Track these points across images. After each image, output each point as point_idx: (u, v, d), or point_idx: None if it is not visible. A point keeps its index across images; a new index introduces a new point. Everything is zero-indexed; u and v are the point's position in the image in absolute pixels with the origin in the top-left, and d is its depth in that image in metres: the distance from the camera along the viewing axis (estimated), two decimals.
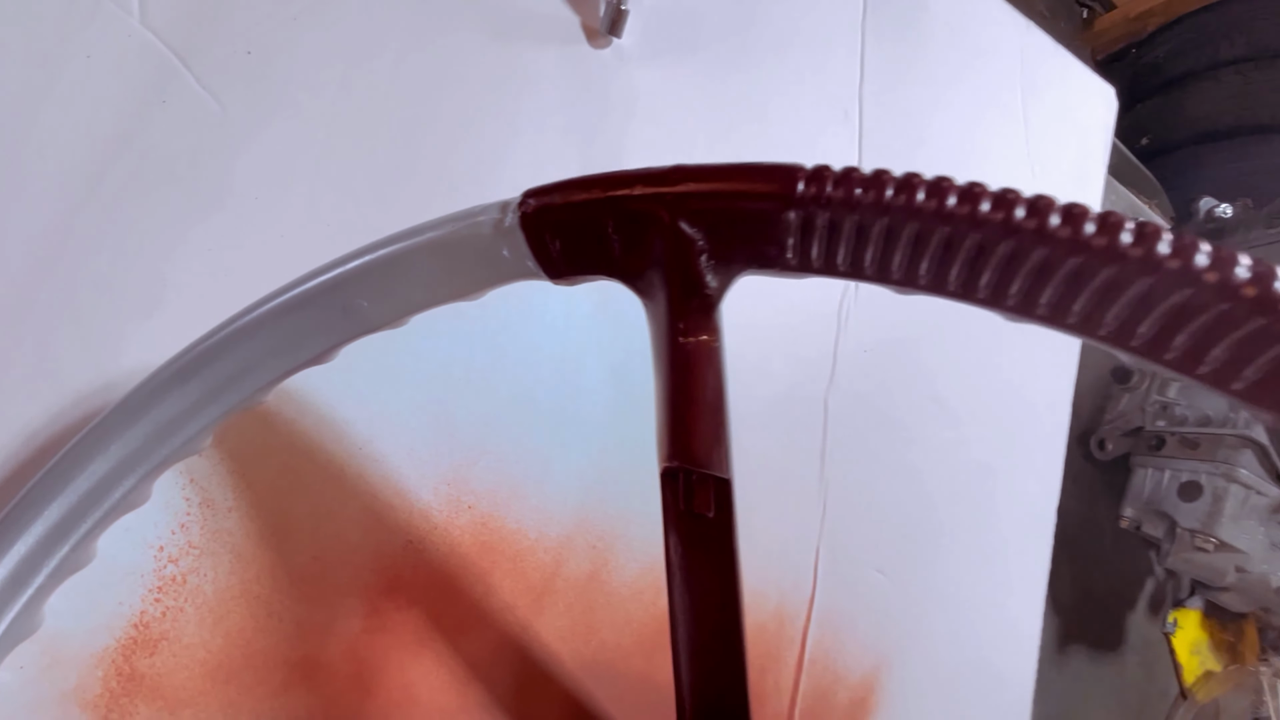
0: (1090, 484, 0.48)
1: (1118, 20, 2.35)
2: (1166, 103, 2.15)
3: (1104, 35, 2.54)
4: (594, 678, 0.29)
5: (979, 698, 0.39)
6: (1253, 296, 0.11)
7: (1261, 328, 0.11)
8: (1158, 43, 2.24)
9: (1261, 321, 0.11)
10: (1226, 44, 2.08)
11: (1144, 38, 2.36)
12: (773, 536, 0.34)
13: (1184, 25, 2.19)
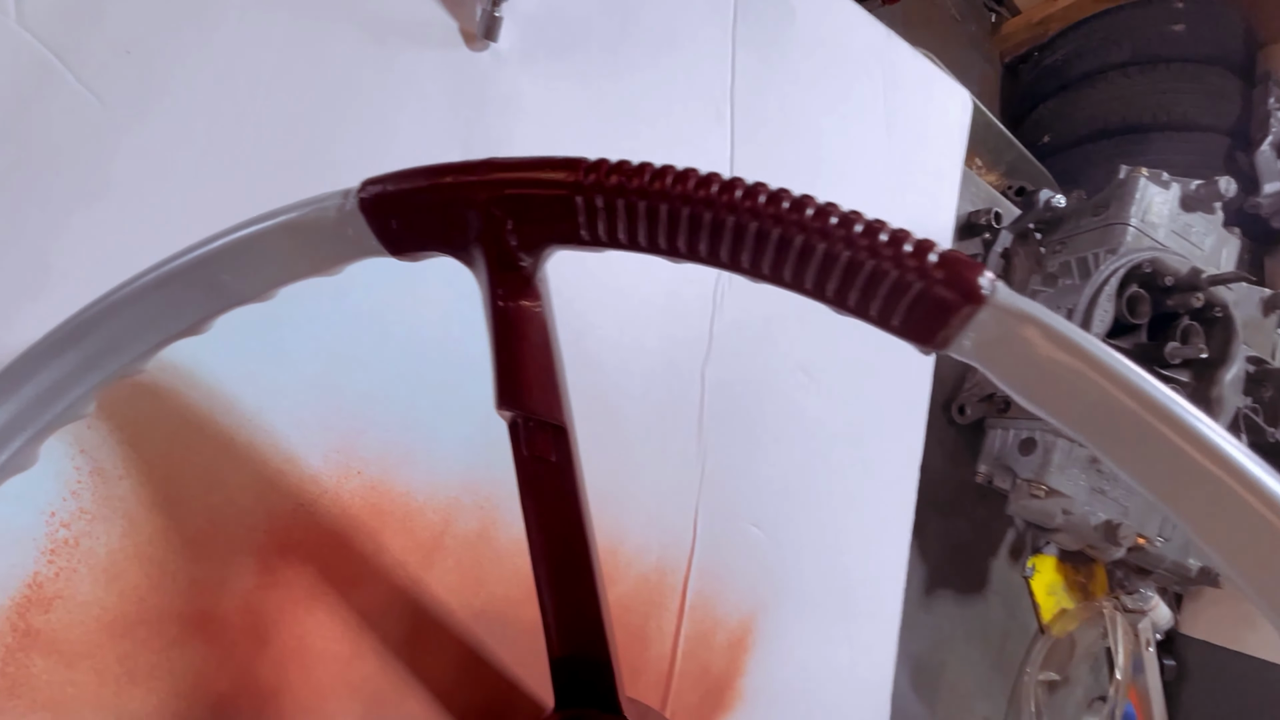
0: (954, 446, 0.54)
1: (1022, 25, 2.50)
2: (1064, 103, 2.32)
3: (1011, 39, 2.70)
4: (484, 627, 0.31)
5: (848, 635, 0.44)
6: (891, 256, 0.15)
7: (897, 279, 0.15)
8: (1056, 47, 2.41)
9: (896, 274, 0.14)
10: (1115, 49, 2.26)
11: (1045, 41, 2.53)
12: (654, 497, 0.37)
13: (1078, 31, 2.35)
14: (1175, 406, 0.13)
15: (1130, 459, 0.14)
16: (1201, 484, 0.13)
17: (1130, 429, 0.14)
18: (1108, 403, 0.14)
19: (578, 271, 0.35)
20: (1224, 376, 0.48)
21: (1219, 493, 0.13)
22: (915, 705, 0.50)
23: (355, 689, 0.28)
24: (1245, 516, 0.13)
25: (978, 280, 0.14)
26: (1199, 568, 0.56)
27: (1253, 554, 0.13)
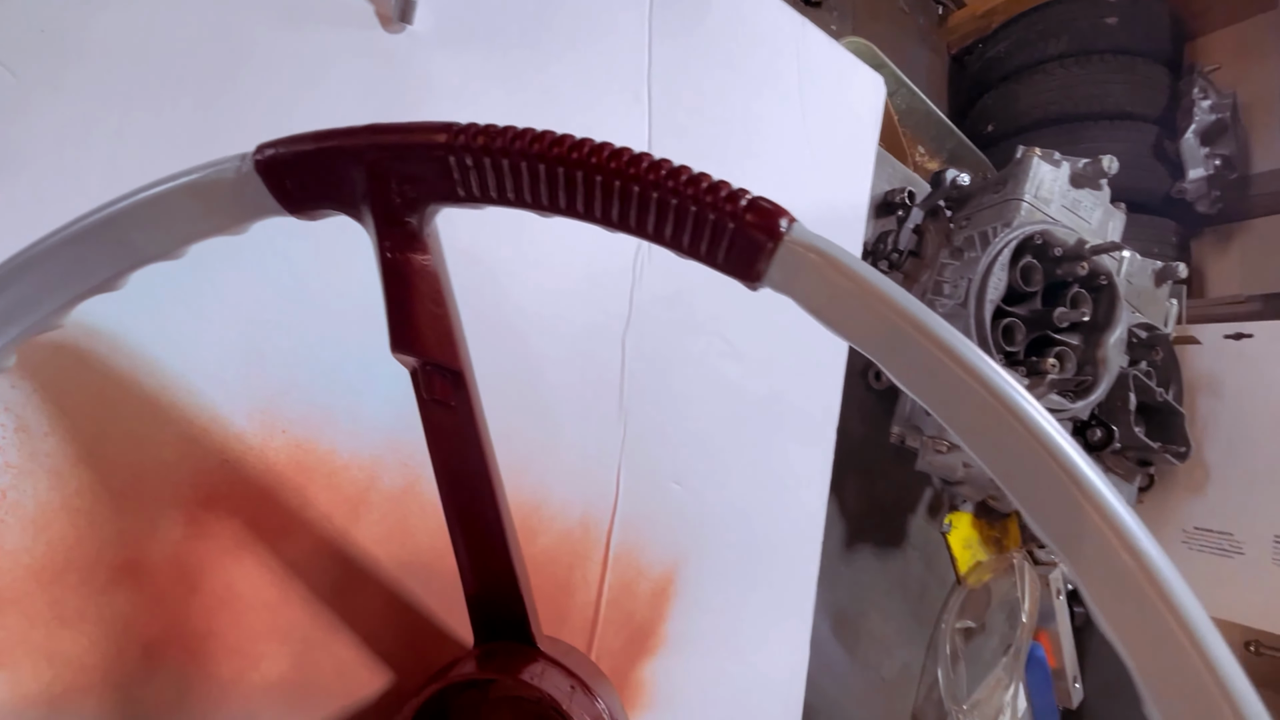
0: (871, 410, 0.57)
1: (967, 17, 2.57)
2: (1006, 94, 2.40)
3: (956, 31, 2.77)
4: (411, 576, 0.33)
5: (769, 584, 0.47)
6: (711, 202, 0.17)
7: (716, 221, 0.17)
8: (999, 39, 2.49)
9: (714, 217, 0.17)
10: (1053, 41, 2.35)
11: (989, 34, 2.61)
12: (577, 455, 0.40)
13: (1019, 23, 2.44)
14: (933, 323, 0.16)
15: (903, 371, 0.17)
16: (957, 390, 0.16)
17: (900, 344, 0.16)
18: (881, 321, 0.16)
19: (500, 242, 0.37)
20: (1108, 339, 0.52)
21: (972, 398, 0.16)
22: (837, 651, 0.53)
23: (284, 633, 0.30)
24: (993, 418, 0.16)
25: (778, 221, 0.17)
26: None
27: (997, 446, 0.16)
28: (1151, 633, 0.14)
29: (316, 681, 0.31)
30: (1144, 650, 0.14)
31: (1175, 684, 0.14)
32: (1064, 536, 0.15)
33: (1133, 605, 0.14)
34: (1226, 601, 0.63)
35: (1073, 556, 0.15)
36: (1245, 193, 2.24)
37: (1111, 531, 0.14)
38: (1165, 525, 0.69)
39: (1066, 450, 0.15)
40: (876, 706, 0.57)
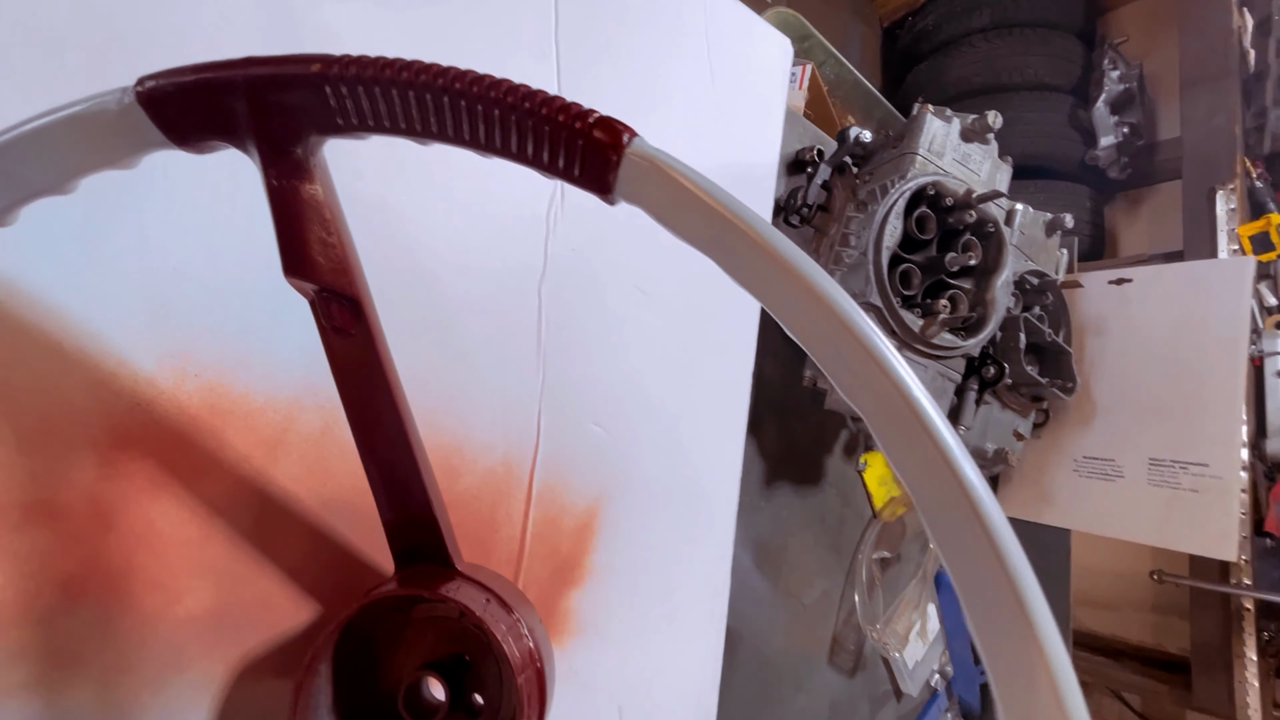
0: (788, 357, 0.61)
1: None
2: (934, 66, 2.48)
3: (888, 4, 2.84)
4: (334, 514, 0.35)
5: (690, 519, 0.50)
6: (564, 120, 0.19)
7: (568, 137, 0.19)
8: (927, 12, 2.57)
9: (566, 134, 0.19)
10: (978, 14, 2.43)
11: (918, 8, 2.68)
12: (496, 399, 0.41)
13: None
14: (754, 221, 0.19)
15: (732, 265, 0.19)
16: (772, 277, 0.19)
17: (728, 243, 0.19)
18: (711, 222, 0.19)
19: (409, 192, 0.38)
20: (996, 281, 0.57)
21: (788, 283, 0.19)
22: (759, 580, 0.57)
23: (207, 569, 0.31)
24: (800, 297, 0.18)
25: (622, 135, 0.19)
26: (994, 449, 0.67)
27: (805, 322, 0.19)
28: (917, 456, 0.17)
29: (242, 615, 0.32)
30: (913, 472, 0.17)
31: (938, 502, 0.17)
32: (853, 388, 0.18)
33: (904, 437, 0.17)
34: (1111, 519, 0.70)
35: (861, 404, 0.18)
36: (1152, 159, 2.39)
37: (889, 380, 0.17)
38: (1059, 456, 0.75)
39: (856, 319, 0.18)
40: (799, 631, 0.61)
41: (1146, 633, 2.18)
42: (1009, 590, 0.17)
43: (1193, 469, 0.65)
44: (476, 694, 0.33)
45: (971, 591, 0.17)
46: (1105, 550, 2.28)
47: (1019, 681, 0.17)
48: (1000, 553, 0.16)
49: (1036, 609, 0.17)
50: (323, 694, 0.31)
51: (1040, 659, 0.16)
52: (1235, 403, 0.63)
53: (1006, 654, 0.17)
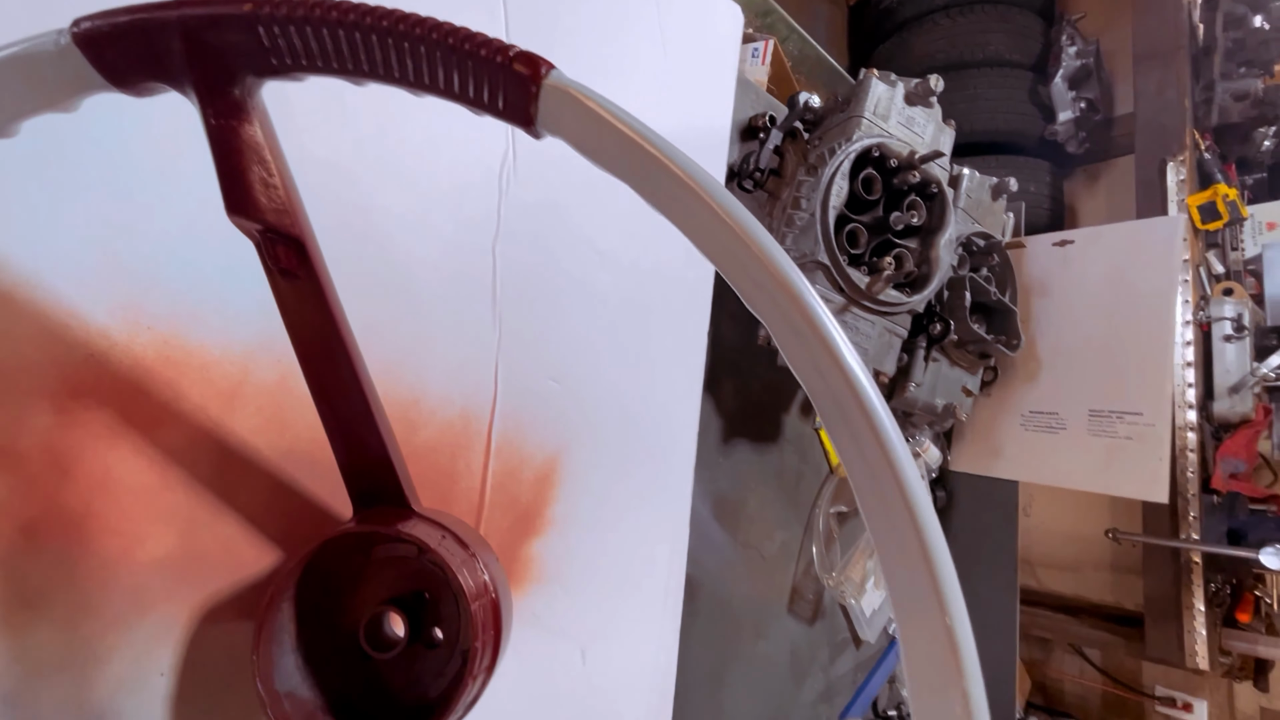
0: (745, 319, 0.63)
1: None
2: (899, 43, 2.51)
3: None
4: (293, 464, 0.36)
5: (647, 472, 0.52)
6: (487, 55, 0.20)
7: (491, 72, 0.20)
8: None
9: (488, 70, 0.20)
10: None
11: None
12: (453, 355, 0.43)
13: None
14: (663, 146, 0.20)
15: (647, 190, 0.21)
16: (685, 200, 0.20)
17: (642, 168, 0.20)
18: (625, 149, 0.20)
19: (360, 151, 0.39)
20: (939, 240, 0.59)
21: (697, 205, 0.20)
22: (719, 532, 0.59)
23: (167, 515, 0.32)
24: (706, 218, 0.20)
25: (540, 68, 0.20)
26: (943, 405, 0.69)
27: (713, 240, 0.20)
28: (811, 361, 0.19)
29: (204, 559, 0.33)
30: (808, 373, 0.19)
31: (828, 397, 0.19)
32: (756, 297, 0.19)
33: (800, 344, 0.19)
34: (1055, 469, 0.74)
35: (761, 311, 0.20)
36: (1108, 134, 2.45)
37: (786, 293, 0.19)
38: (1007, 412, 0.79)
39: (757, 234, 0.19)
40: (758, 581, 0.63)
41: (1105, 591, 2.27)
42: (891, 476, 0.19)
43: (1128, 418, 0.68)
44: (436, 628, 0.34)
45: (862, 479, 0.19)
46: (1066, 515, 2.37)
47: (897, 553, 0.19)
48: (878, 430, 0.18)
49: (915, 491, 0.19)
50: (286, 631, 0.32)
51: (915, 534, 0.18)
52: (1166, 354, 0.67)
53: (891, 535, 0.19)
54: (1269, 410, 1.76)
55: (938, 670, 0.18)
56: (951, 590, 0.18)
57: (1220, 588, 1.78)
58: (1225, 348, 1.75)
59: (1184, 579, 1.73)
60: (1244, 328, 1.73)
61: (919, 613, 0.18)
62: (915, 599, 0.18)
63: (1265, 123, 2.02)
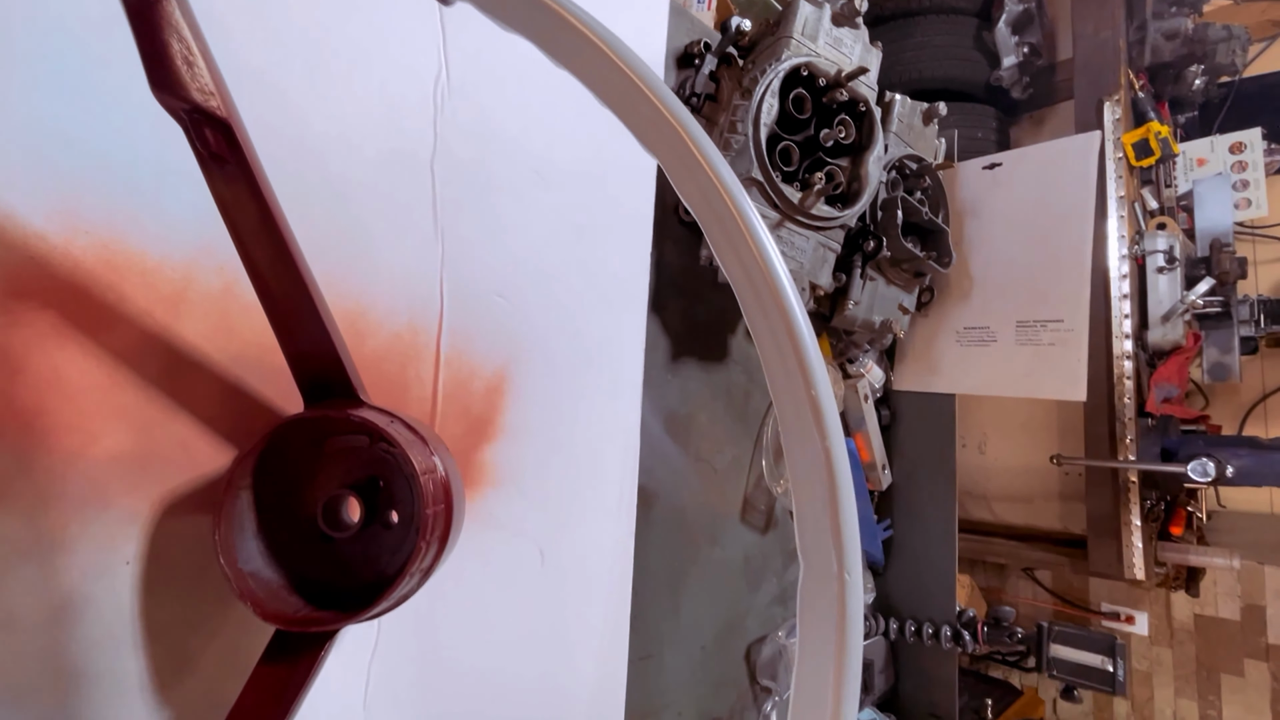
0: (688, 242, 0.65)
1: None
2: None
3: None
4: (244, 369, 0.37)
5: (597, 385, 0.55)
6: None
7: None
8: None
9: None
10: None
11: None
12: (397, 269, 0.44)
13: None
14: (573, 9, 0.22)
15: (548, 45, 0.22)
16: (581, 49, 0.22)
17: (542, 24, 0.22)
18: (526, 5, 0.22)
19: (290, 64, 0.39)
20: (869, 157, 0.62)
21: (590, 52, 0.22)
22: (670, 446, 0.62)
23: (120, 413, 0.33)
24: (603, 63, 0.22)
25: None
26: (880, 321, 0.73)
27: (606, 82, 0.22)
28: (699, 191, 0.21)
29: (161, 457, 0.34)
30: (699, 206, 0.21)
31: (719, 230, 0.21)
32: (651, 139, 0.22)
33: (688, 169, 0.21)
34: (987, 379, 0.78)
35: (658, 153, 0.22)
36: (1051, 79, 2.50)
37: (675, 128, 0.21)
38: (944, 330, 0.83)
39: (646, 74, 0.21)
40: (711, 492, 0.67)
41: (1054, 519, 2.40)
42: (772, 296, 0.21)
43: (1050, 325, 0.73)
44: (392, 512, 0.36)
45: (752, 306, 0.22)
46: (1018, 451, 2.49)
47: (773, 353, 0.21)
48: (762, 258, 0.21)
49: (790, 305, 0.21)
50: (246, 518, 0.34)
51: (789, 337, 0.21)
52: (1084, 262, 0.71)
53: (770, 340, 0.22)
54: (1198, 337, 1.87)
55: (815, 484, 0.21)
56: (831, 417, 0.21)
57: (1155, 504, 1.90)
58: (1158, 279, 1.84)
59: (1122, 498, 1.85)
60: (1175, 259, 1.82)
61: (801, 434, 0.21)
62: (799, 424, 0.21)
63: (1195, 61, 2.10)
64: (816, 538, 0.20)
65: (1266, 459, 1.58)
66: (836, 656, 0.18)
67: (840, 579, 0.19)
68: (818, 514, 0.20)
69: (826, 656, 0.19)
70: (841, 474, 0.20)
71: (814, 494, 0.20)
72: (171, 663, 0.34)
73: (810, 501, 0.20)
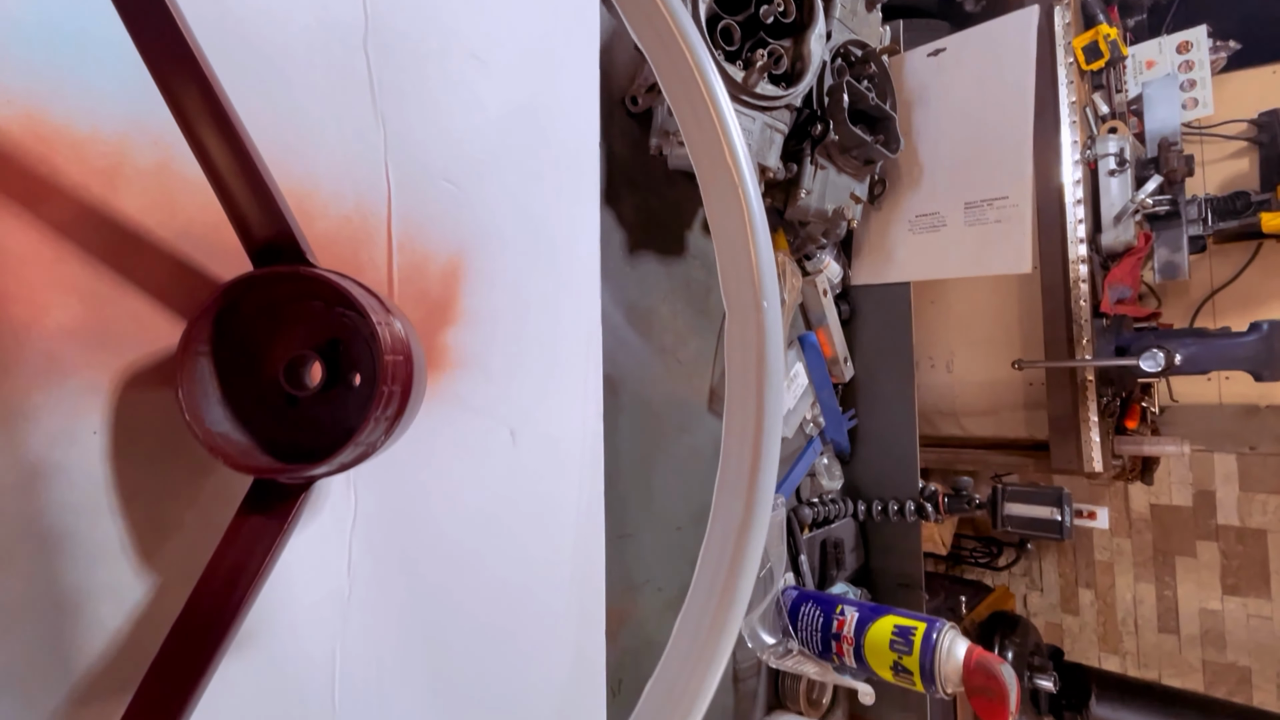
0: (635, 135, 0.65)
1: None
2: None
3: None
4: (191, 245, 0.37)
5: (553, 273, 0.56)
6: None
7: None
8: None
9: None
10: None
11: None
12: (338, 152, 0.44)
13: None
14: None
15: None
16: None
17: None
18: None
19: None
20: (810, 36, 0.62)
21: None
22: (634, 336, 0.63)
23: (67, 286, 0.33)
24: None
25: None
26: (833, 209, 0.74)
27: None
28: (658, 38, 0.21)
29: (116, 330, 0.35)
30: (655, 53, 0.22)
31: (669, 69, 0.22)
32: None
33: None
34: (939, 263, 0.81)
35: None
36: None
37: None
38: (897, 220, 0.85)
39: None
40: (677, 383, 0.69)
41: (1020, 428, 2.50)
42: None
43: (996, 203, 0.75)
44: (355, 374, 0.37)
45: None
46: (983, 366, 2.56)
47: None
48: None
49: None
50: (210, 386, 0.35)
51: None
52: (1026, 135, 0.73)
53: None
54: (1149, 237, 1.93)
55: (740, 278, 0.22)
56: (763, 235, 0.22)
57: (1111, 400, 1.99)
58: (1110, 182, 1.88)
59: (1080, 397, 1.93)
60: (1126, 161, 1.86)
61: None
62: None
63: None
64: (737, 280, 0.21)
65: (1212, 345, 1.65)
66: (757, 375, 0.20)
67: (758, 308, 0.20)
68: (737, 256, 0.21)
69: (750, 383, 0.20)
70: (756, 213, 0.21)
71: (734, 241, 0.21)
72: (151, 528, 0.35)
73: (729, 247, 0.21)
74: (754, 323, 0.20)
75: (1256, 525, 2.11)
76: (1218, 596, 2.16)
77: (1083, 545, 2.42)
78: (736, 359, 0.21)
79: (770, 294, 0.21)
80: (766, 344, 0.20)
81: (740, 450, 0.20)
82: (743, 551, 0.20)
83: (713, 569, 0.21)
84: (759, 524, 0.20)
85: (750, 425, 0.20)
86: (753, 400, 0.20)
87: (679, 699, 0.23)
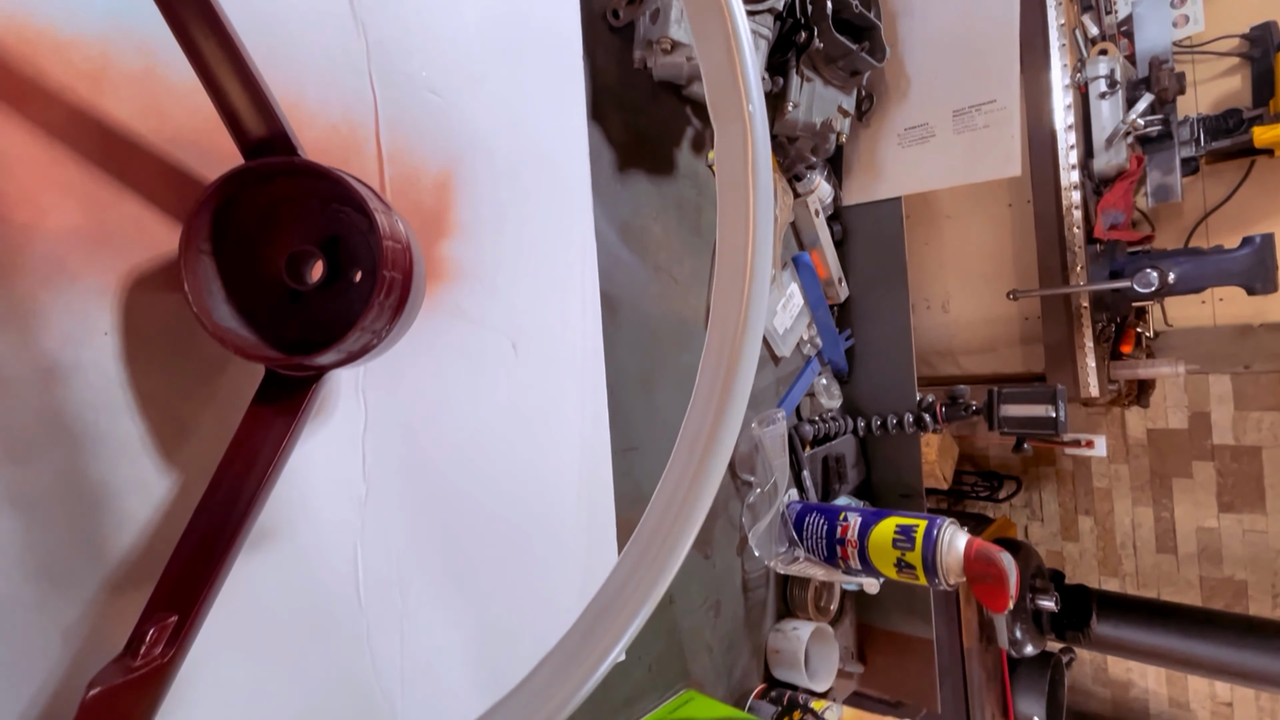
0: (618, 49, 0.64)
1: None
2: None
3: None
4: (182, 150, 0.38)
5: (543, 188, 0.56)
6: None
7: None
8: None
9: None
10: None
11: None
12: (321, 62, 0.43)
13: None
14: None
15: None
16: None
17: None
18: None
19: None
20: None
21: None
22: (628, 255, 0.64)
23: (65, 188, 0.34)
24: None
25: None
26: (821, 121, 0.74)
27: None
28: None
29: (117, 233, 0.35)
30: None
31: None
32: None
33: None
34: (930, 174, 0.81)
35: None
36: None
37: None
38: (886, 135, 0.84)
39: None
40: (674, 301, 0.69)
41: (1017, 363, 2.52)
42: None
43: (984, 108, 0.75)
44: (356, 271, 0.38)
45: None
46: (980, 305, 2.57)
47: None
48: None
49: None
50: (214, 285, 0.35)
51: None
52: (1011, 35, 0.72)
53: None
54: (1141, 160, 1.91)
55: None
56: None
57: (1106, 325, 2.00)
58: (1101, 104, 1.86)
59: (1075, 324, 1.94)
60: (1116, 83, 1.84)
61: None
62: None
63: None
64: (723, 92, 0.21)
65: (1204, 262, 1.66)
66: (748, 182, 0.21)
67: (745, 113, 0.21)
68: (720, 67, 0.21)
69: (741, 191, 0.21)
70: (738, 17, 0.21)
71: (717, 53, 0.21)
72: (170, 428, 0.36)
73: (712, 57, 0.22)
74: (742, 130, 0.21)
75: (1251, 443, 2.14)
76: (1214, 515, 2.21)
77: (1081, 474, 2.46)
78: (726, 170, 0.21)
79: (756, 100, 0.21)
80: (755, 152, 0.21)
81: (735, 240, 0.21)
82: (738, 357, 0.21)
83: (711, 374, 0.22)
84: (758, 294, 0.20)
85: (742, 229, 0.20)
86: (744, 209, 0.21)
87: (667, 532, 0.24)
